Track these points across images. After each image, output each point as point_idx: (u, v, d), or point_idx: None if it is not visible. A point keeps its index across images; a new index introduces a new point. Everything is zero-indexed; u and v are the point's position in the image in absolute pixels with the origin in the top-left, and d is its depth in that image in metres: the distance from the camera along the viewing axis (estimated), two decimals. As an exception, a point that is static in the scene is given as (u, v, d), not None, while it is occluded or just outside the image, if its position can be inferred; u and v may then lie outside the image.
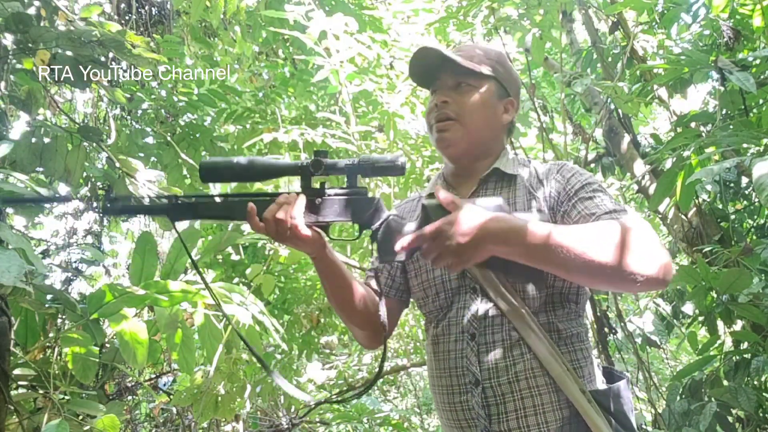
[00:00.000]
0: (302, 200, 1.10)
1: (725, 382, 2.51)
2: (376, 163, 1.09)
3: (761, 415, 2.49)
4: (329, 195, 1.12)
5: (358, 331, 1.33)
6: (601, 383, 1.19)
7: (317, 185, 1.13)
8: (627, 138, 3.78)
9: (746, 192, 3.33)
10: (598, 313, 2.99)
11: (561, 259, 0.99)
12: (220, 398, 2.60)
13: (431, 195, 1.13)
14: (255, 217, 1.09)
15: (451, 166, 1.33)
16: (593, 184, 1.17)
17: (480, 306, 1.16)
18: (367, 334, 1.33)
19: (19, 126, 2.92)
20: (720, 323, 2.64)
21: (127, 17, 3.78)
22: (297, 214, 1.08)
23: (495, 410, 1.12)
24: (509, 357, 1.12)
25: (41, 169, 2.03)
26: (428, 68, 1.30)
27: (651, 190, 3.45)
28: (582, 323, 1.21)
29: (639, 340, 3.38)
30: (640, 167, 3.65)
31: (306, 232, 1.09)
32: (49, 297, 1.78)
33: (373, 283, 1.32)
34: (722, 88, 2.72)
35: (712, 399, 2.48)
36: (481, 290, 1.17)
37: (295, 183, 1.79)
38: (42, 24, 2.08)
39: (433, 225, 1.04)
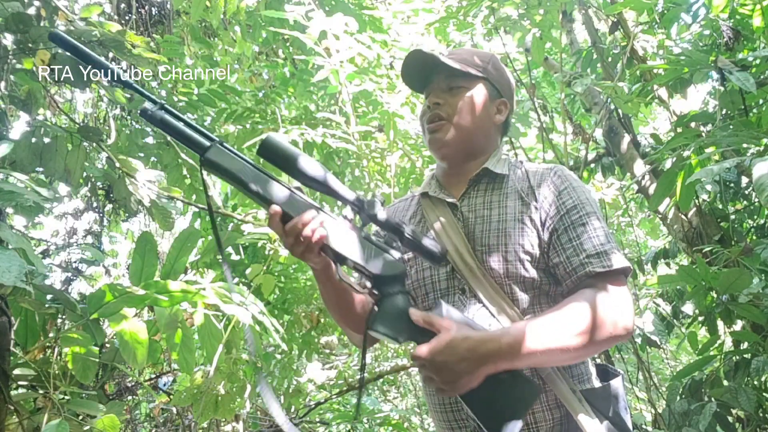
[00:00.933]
0: (339, 227, 1.06)
1: (725, 382, 2.51)
2: (419, 241, 1.08)
3: (761, 415, 2.49)
4: (364, 237, 1.09)
5: (356, 336, 1.32)
6: (595, 380, 1.19)
7: (359, 223, 1.10)
8: (627, 138, 3.78)
9: (746, 192, 3.33)
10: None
11: (543, 356, 1.03)
12: (220, 398, 2.59)
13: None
14: (279, 221, 1.02)
15: (443, 166, 1.33)
16: (586, 205, 1.16)
17: (469, 307, 1.16)
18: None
19: (19, 126, 2.94)
20: (720, 323, 2.64)
21: (127, 17, 3.78)
22: (321, 236, 1.03)
23: None
24: None
25: (41, 169, 2.04)
26: (421, 72, 1.32)
27: (651, 190, 3.45)
28: None
29: (639, 340, 3.38)
30: (640, 167, 3.65)
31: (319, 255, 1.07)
32: (49, 297, 1.78)
33: (368, 283, 1.32)
34: (722, 88, 2.72)
35: (712, 399, 2.47)
36: (470, 291, 1.17)
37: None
38: (42, 24, 2.08)
39: (420, 354, 1.00)
